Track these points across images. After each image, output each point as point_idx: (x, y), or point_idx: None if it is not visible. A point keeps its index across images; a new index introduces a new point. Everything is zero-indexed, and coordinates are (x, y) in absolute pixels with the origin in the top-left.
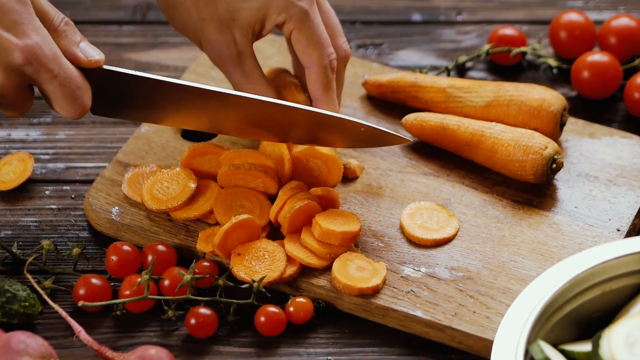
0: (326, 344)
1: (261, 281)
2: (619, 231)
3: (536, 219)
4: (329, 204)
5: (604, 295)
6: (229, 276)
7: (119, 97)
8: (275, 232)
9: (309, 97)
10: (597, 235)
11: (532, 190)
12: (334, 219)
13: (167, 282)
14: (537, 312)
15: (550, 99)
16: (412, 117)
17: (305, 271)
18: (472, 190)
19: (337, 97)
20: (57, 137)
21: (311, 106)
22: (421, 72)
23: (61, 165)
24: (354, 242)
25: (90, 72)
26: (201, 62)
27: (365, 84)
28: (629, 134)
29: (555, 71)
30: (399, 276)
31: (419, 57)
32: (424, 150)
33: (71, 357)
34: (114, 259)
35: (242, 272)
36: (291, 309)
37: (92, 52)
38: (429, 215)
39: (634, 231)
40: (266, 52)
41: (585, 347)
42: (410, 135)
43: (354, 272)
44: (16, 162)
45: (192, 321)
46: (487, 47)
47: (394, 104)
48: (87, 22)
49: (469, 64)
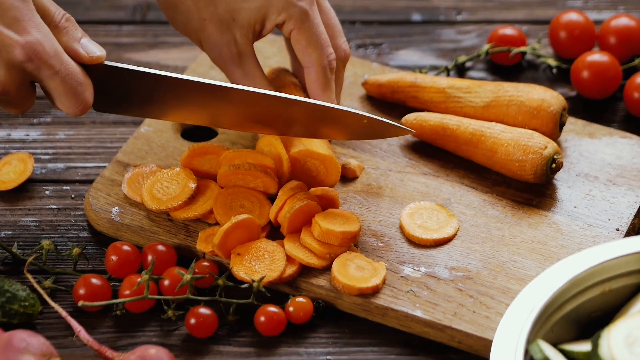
0: (326, 344)
1: (261, 281)
2: (618, 231)
3: (536, 218)
4: (329, 204)
5: (604, 294)
6: (229, 276)
7: (120, 93)
8: (275, 232)
9: (308, 96)
10: (596, 235)
11: (531, 190)
12: (334, 219)
13: (167, 282)
14: (536, 312)
15: (549, 99)
16: (411, 117)
17: (305, 271)
18: (472, 190)
19: (336, 97)
20: (57, 137)
21: None
22: (421, 72)
23: (61, 165)
24: (353, 242)
25: (91, 69)
26: (201, 62)
27: (364, 84)
28: (629, 134)
29: (554, 71)
30: (399, 276)
31: (418, 57)
32: (424, 150)
33: (71, 356)
34: (113, 258)
35: (241, 272)
36: (291, 309)
37: (93, 48)
38: (428, 215)
39: (634, 231)
40: (266, 52)
41: (584, 346)
42: (410, 135)
43: (354, 272)
44: (16, 162)
45: (192, 321)
46: (486, 47)
47: (393, 104)
48: (87, 22)
49: (468, 64)
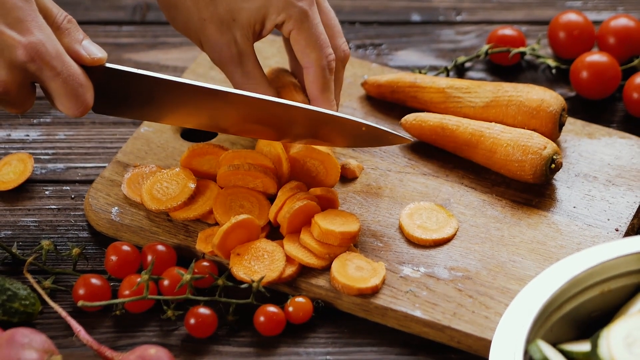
0: (325, 344)
1: (260, 281)
2: (617, 231)
3: (535, 219)
4: (328, 204)
5: (603, 295)
6: (229, 276)
7: (120, 95)
8: (274, 232)
9: (307, 97)
10: (595, 235)
11: (531, 190)
12: (333, 219)
13: (166, 282)
14: (536, 312)
15: (549, 99)
16: (411, 117)
17: (304, 271)
18: (471, 190)
19: (335, 97)
20: (56, 137)
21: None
22: (420, 73)
23: (61, 165)
24: (353, 242)
25: (92, 70)
26: (201, 62)
27: (364, 84)
28: (628, 134)
29: (554, 71)
30: (398, 276)
31: (418, 58)
32: (423, 150)
33: (71, 356)
34: (113, 259)
35: (241, 272)
36: (290, 309)
37: (94, 50)
38: (428, 215)
39: (633, 231)
40: (265, 52)
41: (584, 346)
42: (409, 135)
43: (353, 272)
44: (16, 162)
45: (192, 321)
46: (486, 47)
47: (393, 104)
48: (87, 23)
49: (468, 64)
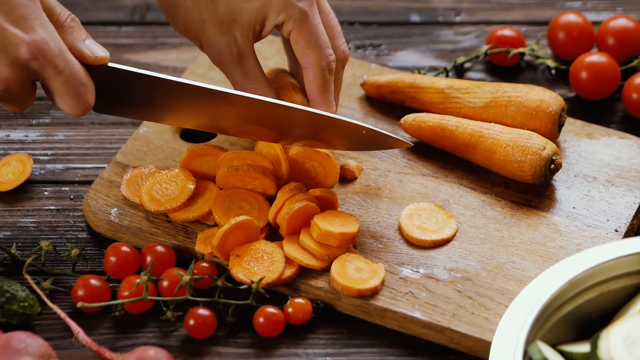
0: (325, 345)
1: (260, 282)
2: (617, 232)
3: (534, 219)
4: (328, 205)
5: (603, 295)
6: (228, 277)
7: (121, 95)
8: (274, 234)
9: (307, 97)
10: (595, 236)
11: (530, 191)
12: (333, 220)
13: (165, 283)
14: (535, 313)
15: (548, 99)
16: (410, 118)
17: (304, 272)
18: (471, 191)
19: (335, 98)
20: (56, 138)
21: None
22: (420, 73)
23: (60, 166)
24: (352, 243)
25: (94, 70)
26: (200, 62)
27: (363, 85)
28: (627, 135)
29: (553, 72)
30: (398, 277)
31: (417, 58)
32: (423, 151)
33: (70, 357)
34: (112, 260)
35: (240, 274)
36: (290, 310)
37: (97, 49)
38: (427, 216)
39: (632, 232)
40: (265, 53)
41: (583, 347)
42: (408, 135)
43: (353, 274)
44: (15, 163)
45: (191, 322)
46: (485, 48)
47: (392, 104)
48: (86, 23)
49: (467, 65)
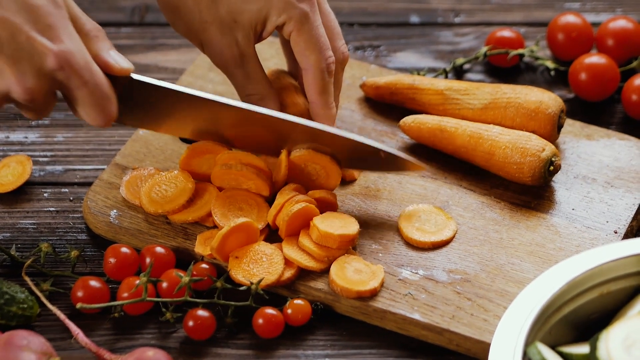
0: (324, 346)
1: (259, 283)
2: (616, 233)
3: (534, 221)
4: (327, 207)
5: (602, 297)
6: (227, 278)
7: (142, 107)
8: (273, 235)
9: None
10: (594, 237)
11: (529, 192)
12: (332, 222)
13: (165, 285)
14: (534, 314)
15: (547, 101)
16: (409, 120)
17: (303, 274)
18: (470, 192)
19: (334, 100)
20: (55, 139)
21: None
22: (419, 74)
23: (59, 167)
24: (351, 245)
25: (116, 81)
26: (199, 64)
27: (363, 86)
28: (627, 136)
29: (552, 73)
30: (397, 279)
31: (416, 59)
32: (422, 152)
33: (69, 358)
34: (112, 261)
35: (240, 275)
36: (289, 312)
37: (122, 60)
38: (426, 217)
39: (632, 233)
40: (264, 54)
41: (583, 349)
42: (408, 138)
43: (352, 275)
44: (14, 164)
45: (190, 323)
46: (484, 49)
47: (391, 105)
48: None
49: (466, 66)
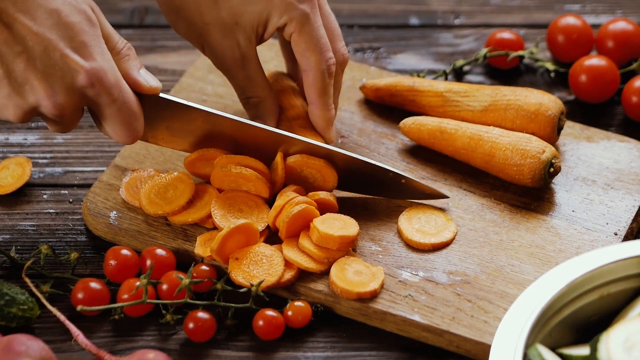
0: (324, 348)
1: (259, 285)
2: (616, 235)
3: (534, 223)
4: (327, 208)
5: (602, 299)
6: (227, 280)
7: (168, 125)
8: (273, 237)
9: (306, 101)
10: (594, 239)
11: (529, 194)
12: (332, 223)
13: (165, 287)
14: (535, 316)
15: (547, 103)
16: (409, 121)
17: (303, 275)
18: (470, 194)
19: (334, 101)
20: (55, 141)
21: (307, 111)
22: (419, 76)
23: (59, 169)
24: (351, 247)
25: (144, 99)
26: (199, 65)
27: (362, 88)
28: (627, 138)
29: (552, 75)
30: (397, 280)
31: (416, 61)
32: (422, 154)
33: None
34: (112, 263)
35: (240, 277)
36: (289, 313)
37: (151, 79)
38: (426, 219)
39: (632, 235)
40: (264, 56)
41: (583, 350)
42: (408, 140)
43: (352, 277)
44: (14, 166)
45: (191, 325)
46: (484, 50)
47: (391, 107)
48: None
49: (466, 68)
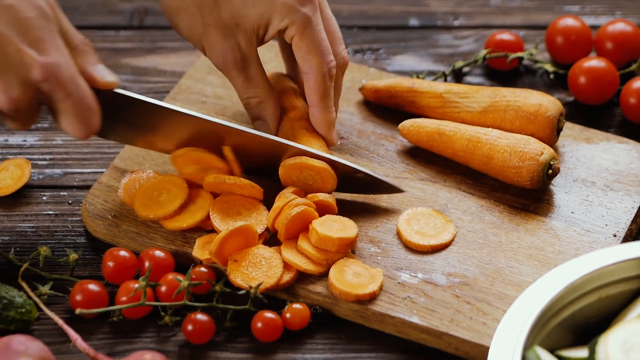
0: (323, 350)
1: (258, 287)
2: (615, 237)
3: (533, 224)
4: (326, 210)
5: (601, 300)
6: (226, 282)
7: (125, 122)
8: (272, 239)
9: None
10: (593, 240)
11: (529, 195)
12: (331, 225)
13: (164, 288)
14: (533, 318)
15: (546, 104)
16: (408, 124)
17: (302, 277)
18: (469, 195)
19: (334, 104)
20: (54, 142)
21: (308, 112)
22: (418, 77)
23: (58, 171)
24: (350, 248)
25: (100, 95)
26: (199, 67)
27: (362, 89)
28: (626, 139)
29: (552, 76)
30: (396, 282)
31: (416, 62)
32: (421, 155)
33: None
34: (110, 265)
35: (238, 279)
36: (288, 315)
37: (107, 74)
38: (425, 220)
39: (631, 237)
40: (264, 57)
41: (581, 352)
42: (407, 141)
43: (351, 279)
44: (13, 167)
45: (189, 327)
46: (484, 52)
47: (391, 109)
48: (85, 27)
49: (466, 69)
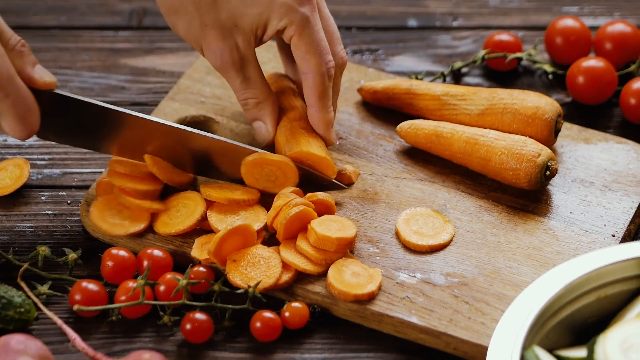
0: (322, 350)
1: (256, 286)
2: (614, 237)
3: (531, 224)
4: (325, 210)
5: (599, 300)
6: (225, 282)
7: (65, 122)
8: (270, 238)
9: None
10: (592, 241)
11: (527, 196)
12: (330, 225)
13: (162, 288)
14: (532, 318)
15: (544, 106)
16: (406, 125)
17: (300, 277)
18: (468, 196)
19: (333, 104)
20: (53, 142)
21: (307, 112)
22: (417, 78)
23: (57, 170)
24: (349, 248)
25: (40, 95)
26: (197, 67)
27: (360, 91)
28: (624, 140)
29: (550, 77)
30: (395, 282)
31: (414, 63)
32: (420, 156)
33: None
34: (109, 264)
35: (237, 278)
36: (287, 315)
37: (45, 75)
38: (424, 221)
39: (629, 237)
40: (262, 58)
41: (580, 352)
42: (404, 142)
43: (350, 278)
44: (12, 167)
45: (188, 326)
46: (482, 52)
47: (389, 110)
48: (83, 28)
49: (464, 70)
